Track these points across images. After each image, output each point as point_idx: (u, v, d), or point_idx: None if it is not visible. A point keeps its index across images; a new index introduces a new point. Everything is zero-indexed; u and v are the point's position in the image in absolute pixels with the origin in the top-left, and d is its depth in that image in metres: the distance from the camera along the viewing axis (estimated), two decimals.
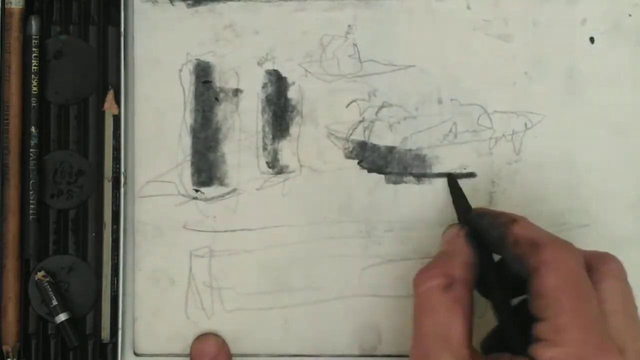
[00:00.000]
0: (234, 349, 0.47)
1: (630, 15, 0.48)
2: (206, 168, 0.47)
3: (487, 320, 0.46)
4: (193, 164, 0.47)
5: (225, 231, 0.47)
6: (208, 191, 0.47)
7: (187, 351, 0.46)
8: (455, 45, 0.48)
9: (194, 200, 0.47)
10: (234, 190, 0.47)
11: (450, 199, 0.46)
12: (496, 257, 0.41)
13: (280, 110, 0.48)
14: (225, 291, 0.47)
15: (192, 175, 0.47)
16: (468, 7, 0.48)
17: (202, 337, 0.46)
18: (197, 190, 0.47)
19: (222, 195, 0.47)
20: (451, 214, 0.47)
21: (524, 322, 0.38)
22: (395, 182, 0.47)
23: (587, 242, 0.47)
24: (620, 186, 0.47)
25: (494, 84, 0.48)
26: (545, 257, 0.37)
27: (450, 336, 0.37)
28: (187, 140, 0.47)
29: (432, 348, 0.38)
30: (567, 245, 0.39)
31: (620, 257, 0.47)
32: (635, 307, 0.39)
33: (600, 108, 0.47)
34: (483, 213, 0.42)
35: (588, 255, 0.39)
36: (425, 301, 0.39)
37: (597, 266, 0.39)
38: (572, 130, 0.47)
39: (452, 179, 0.46)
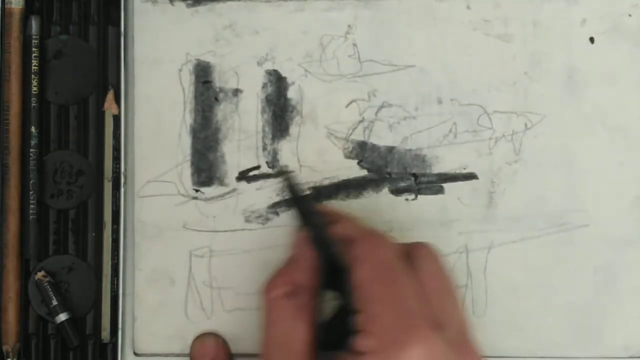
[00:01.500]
0: (233, 348, 0.46)
1: (630, 15, 0.48)
2: (206, 168, 0.47)
3: (487, 320, 0.47)
4: (193, 163, 0.47)
5: (225, 231, 0.47)
6: (208, 191, 0.47)
7: (187, 351, 0.46)
8: (455, 46, 0.48)
9: (194, 200, 0.47)
10: (234, 190, 0.47)
11: None
12: None
13: (280, 110, 0.48)
14: (225, 291, 0.47)
15: (192, 175, 0.47)
16: (468, 7, 0.48)
17: (202, 337, 0.46)
18: (197, 190, 0.47)
19: (222, 195, 0.47)
20: (451, 215, 0.47)
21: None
22: (394, 182, 0.47)
23: (587, 242, 0.47)
24: (620, 186, 0.47)
25: (494, 84, 0.48)
26: (357, 251, 0.39)
27: (293, 344, 0.39)
28: (187, 140, 0.47)
29: (275, 357, 0.39)
30: (378, 238, 0.40)
31: (620, 257, 0.47)
32: (451, 284, 0.41)
33: (600, 108, 0.47)
34: (321, 214, 0.43)
35: (406, 246, 0.41)
36: (270, 310, 0.40)
37: (413, 253, 0.41)
38: (572, 130, 0.47)
39: (288, 178, 0.44)
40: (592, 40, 0.48)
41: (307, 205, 0.43)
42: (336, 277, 0.40)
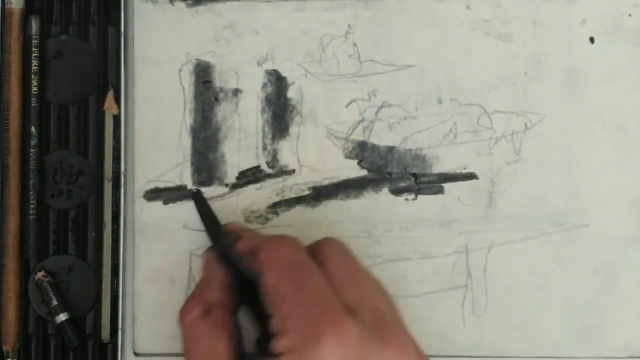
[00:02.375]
0: None
1: (630, 15, 0.48)
2: (206, 168, 0.47)
3: (487, 320, 0.47)
4: (193, 163, 0.47)
5: None
6: (208, 191, 0.47)
7: None
8: (455, 46, 0.48)
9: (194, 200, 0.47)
10: (234, 190, 0.47)
11: None
12: None
13: (280, 110, 0.48)
14: None
15: (192, 175, 0.47)
16: (468, 7, 0.48)
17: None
18: (197, 190, 0.47)
19: (222, 195, 0.47)
20: (451, 215, 0.47)
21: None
22: (394, 182, 0.47)
23: (587, 242, 0.47)
24: (620, 186, 0.47)
25: (494, 84, 0.48)
26: (261, 257, 0.40)
27: (216, 359, 0.39)
28: (187, 140, 0.47)
29: None
30: (279, 241, 0.41)
31: (620, 257, 0.47)
32: (361, 271, 0.41)
33: (599, 108, 0.47)
34: (225, 232, 0.43)
35: (312, 244, 0.42)
36: (189, 333, 0.41)
37: (318, 249, 0.41)
38: (572, 130, 0.47)
39: (197, 196, 0.47)
40: (592, 40, 0.48)
41: (212, 224, 0.45)
42: (252, 290, 0.40)
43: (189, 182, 0.47)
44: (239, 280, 0.42)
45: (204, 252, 0.44)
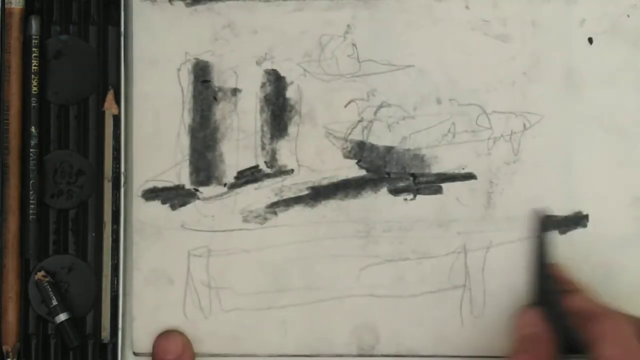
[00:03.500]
0: (231, 349, 0.47)
1: (628, 15, 0.47)
2: (204, 167, 0.47)
3: (484, 320, 0.47)
4: (191, 163, 0.47)
5: (224, 231, 0.47)
6: (206, 190, 0.47)
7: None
8: (454, 45, 0.48)
9: (192, 200, 0.47)
10: (232, 189, 0.47)
11: None
12: None
13: (278, 110, 0.48)
14: (223, 291, 0.47)
15: (191, 174, 0.47)
16: (467, 7, 0.48)
17: (168, 334, 0.46)
18: (195, 190, 0.47)
19: (221, 195, 0.47)
20: (450, 215, 0.47)
21: None
22: (393, 182, 0.47)
23: (586, 242, 0.47)
24: (618, 186, 0.47)
25: (493, 84, 0.47)
26: (603, 328, 0.39)
27: None
28: (186, 140, 0.47)
29: None
30: (623, 316, 0.41)
31: (618, 258, 0.47)
32: None
33: (598, 108, 0.47)
34: (549, 275, 0.44)
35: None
36: None
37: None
38: (571, 130, 0.47)
39: (541, 241, 0.46)
40: (590, 40, 0.47)
41: (547, 273, 0.45)
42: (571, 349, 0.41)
43: (187, 182, 0.47)
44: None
45: (530, 308, 0.44)
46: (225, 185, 0.47)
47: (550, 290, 0.43)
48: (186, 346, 0.46)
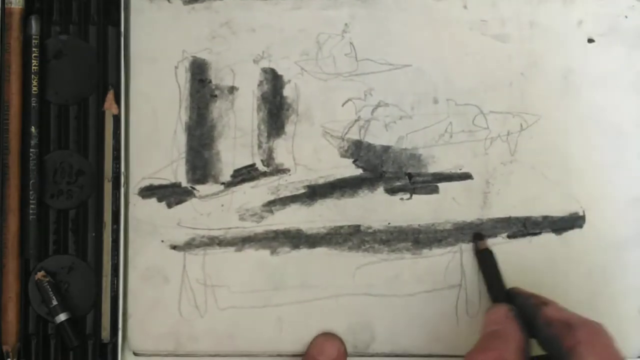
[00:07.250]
0: (226, 347, 0.47)
1: (626, 16, 0.47)
2: (201, 165, 0.48)
3: (479, 319, 0.47)
4: (188, 161, 0.48)
5: (220, 229, 0.47)
6: (203, 189, 0.48)
7: (180, 349, 0.47)
8: (451, 45, 0.47)
9: (189, 198, 0.48)
10: (229, 188, 0.48)
11: None
12: None
13: (275, 109, 0.48)
14: (218, 289, 0.47)
15: (187, 172, 0.48)
16: (465, 7, 0.47)
17: (329, 336, 0.46)
18: (192, 188, 0.48)
19: (217, 193, 0.48)
20: (446, 215, 0.47)
21: None
22: (390, 182, 0.47)
23: (582, 243, 0.47)
24: (615, 187, 0.47)
25: (490, 84, 0.47)
26: (581, 336, 0.39)
27: None
28: (182, 138, 0.48)
29: None
30: (599, 325, 0.40)
31: (615, 258, 0.47)
32: None
33: (595, 109, 0.47)
34: (516, 293, 0.43)
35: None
36: None
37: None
38: (568, 131, 0.47)
39: (486, 255, 0.46)
40: (588, 41, 0.47)
41: (496, 283, 0.45)
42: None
43: (183, 180, 0.47)
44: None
45: (499, 305, 0.43)
46: (221, 183, 0.48)
47: (524, 302, 0.43)
48: (341, 354, 0.46)
